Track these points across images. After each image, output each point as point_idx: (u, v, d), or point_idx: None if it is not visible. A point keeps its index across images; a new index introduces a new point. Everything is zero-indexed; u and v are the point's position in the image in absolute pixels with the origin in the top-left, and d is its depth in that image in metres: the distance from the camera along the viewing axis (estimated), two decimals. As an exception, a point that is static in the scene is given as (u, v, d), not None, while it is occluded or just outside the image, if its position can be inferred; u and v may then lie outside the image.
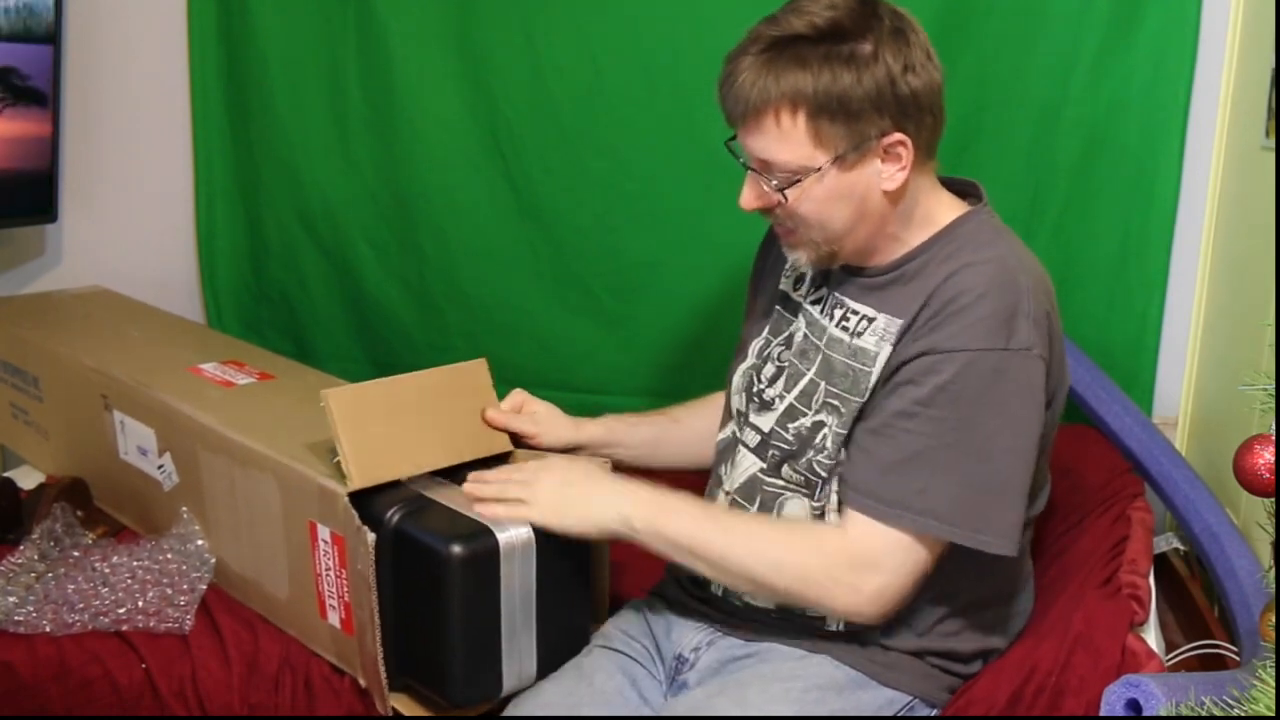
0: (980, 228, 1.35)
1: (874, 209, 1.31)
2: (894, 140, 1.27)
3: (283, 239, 2.36)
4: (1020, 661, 1.34)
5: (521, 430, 1.50)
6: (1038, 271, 1.32)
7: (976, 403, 1.24)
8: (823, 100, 1.24)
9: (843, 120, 1.25)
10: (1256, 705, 1.01)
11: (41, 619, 1.48)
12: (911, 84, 1.26)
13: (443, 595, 1.31)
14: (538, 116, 2.17)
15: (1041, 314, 1.27)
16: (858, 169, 1.28)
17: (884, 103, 1.25)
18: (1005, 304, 1.25)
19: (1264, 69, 1.76)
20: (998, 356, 1.24)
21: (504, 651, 1.36)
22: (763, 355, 1.47)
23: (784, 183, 1.29)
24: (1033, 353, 1.25)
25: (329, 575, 1.40)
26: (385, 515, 1.36)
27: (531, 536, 1.35)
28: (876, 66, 1.24)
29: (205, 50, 2.31)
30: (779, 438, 1.40)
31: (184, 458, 1.59)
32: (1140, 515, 1.68)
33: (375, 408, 1.39)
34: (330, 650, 1.46)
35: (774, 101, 1.25)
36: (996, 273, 1.27)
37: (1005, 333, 1.24)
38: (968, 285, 1.26)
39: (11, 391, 1.93)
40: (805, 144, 1.26)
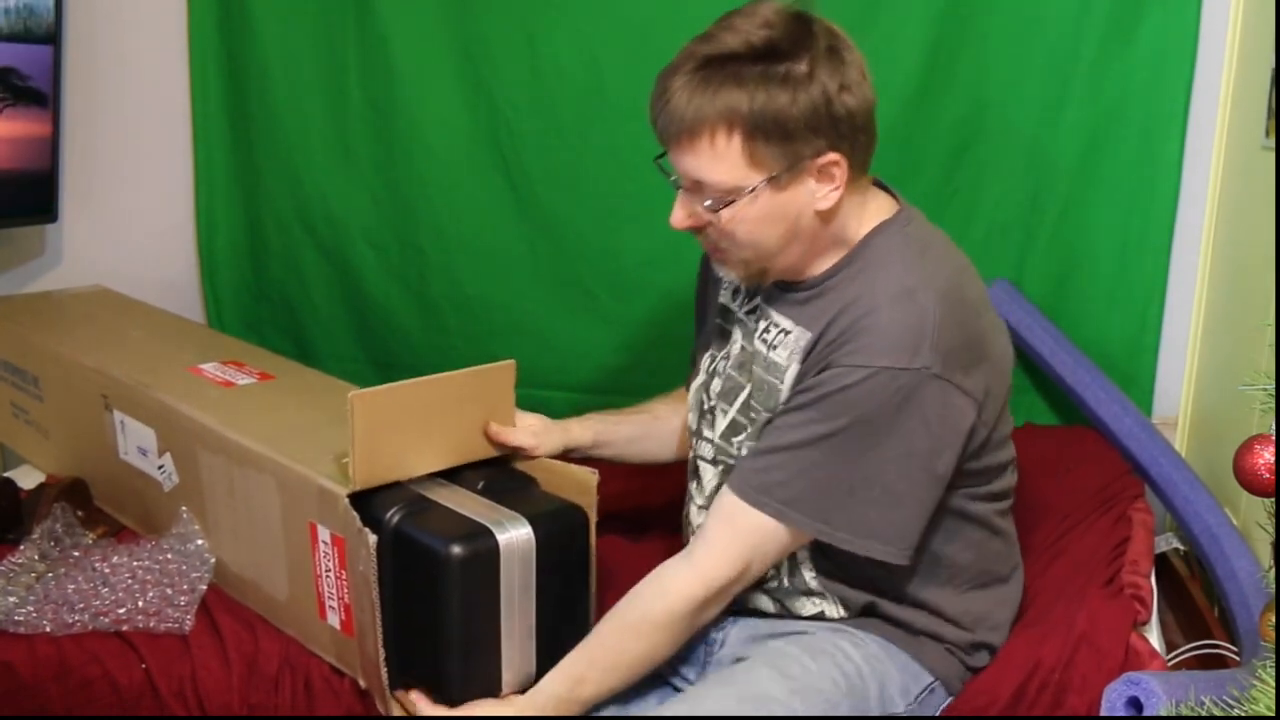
0: (890, 240, 1.32)
1: (806, 228, 1.30)
2: (829, 160, 1.26)
3: (283, 239, 2.36)
4: (1024, 658, 1.35)
5: (521, 444, 1.51)
6: (946, 285, 1.28)
7: (864, 414, 1.23)
8: (758, 120, 1.22)
9: (778, 140, 1.23)
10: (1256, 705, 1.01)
11: (41, 619, 1.48)
12: (847, 104, 1.25)
13: (442, 596, 1.31)
14: (538, 116, 2.17)
15: (944, 332, 1.24)
16: (791, 189, 1.27)
17: (819, 123, 1.24)
18: (903, 328, 1.23)
19: (1264, 69, 1.76)
20: (892, 375, 1.22)
21: (503, 653, 1.36)
22: (710, 370, 1.47)
23: (717, 203, 1.27)
24: (929, 372, 1.22)
25: (329, 577, 1.40)
26: (385, 515, 1.36)
27: (532, 537, 1.35)
28: (812, 86, 1.23)
29: (205, 50, 2.31)
30: (724, 452, 1.42)
31: (184, 458, 1.59)
32: (1141, 516, 1.68)
33: (396, 411, 1.38)
34: (330, 651, 1.46)
35: (709, 121, 1.23)
36: (895, 297, 1.25)
37: (906, 351, 1.22)
38: (866, 310, 1.25)
39: (12, 390, 1.93)
40: (739, 164, 1.25)
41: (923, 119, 2.05)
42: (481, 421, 1.49)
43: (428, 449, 1.44)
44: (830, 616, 1.39)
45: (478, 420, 1.48)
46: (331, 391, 1.70)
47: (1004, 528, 1.44)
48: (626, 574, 1.59)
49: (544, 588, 1.37)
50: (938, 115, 2.05)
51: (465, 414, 1.47)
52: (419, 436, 1.42)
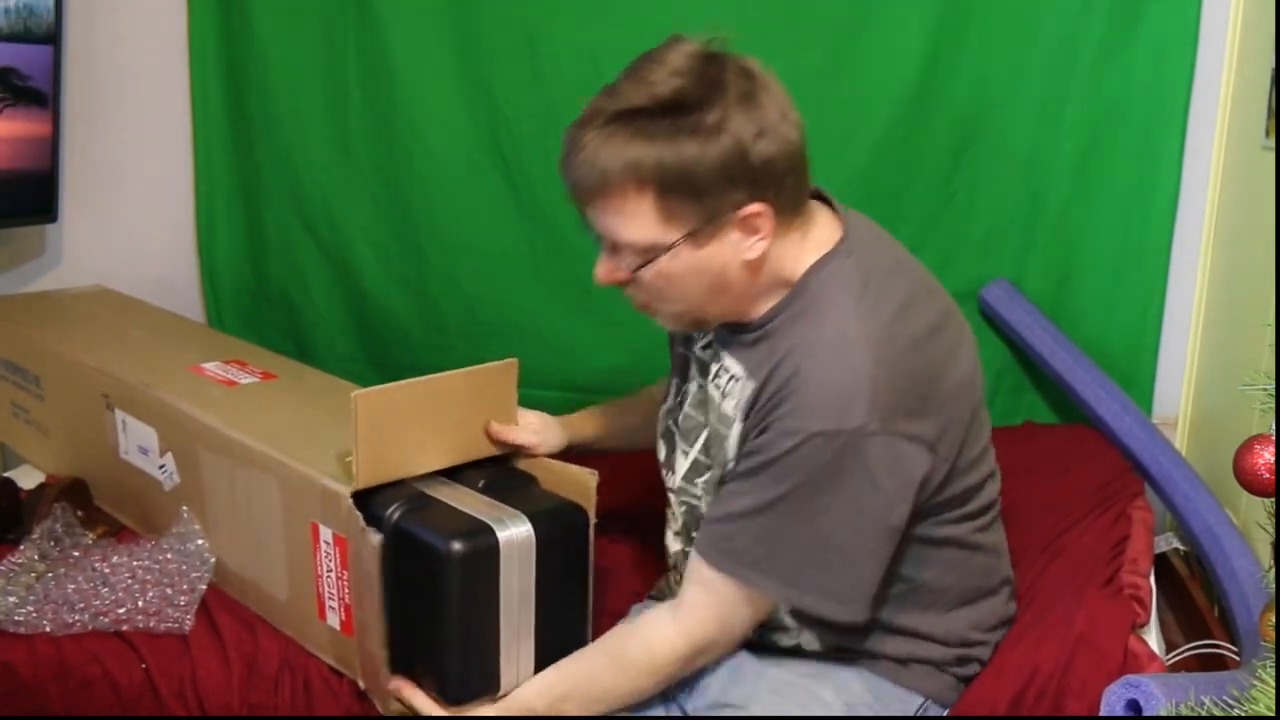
0: (831, 279, 1.25)
1: (734, 279, 1.25)
2: (751, 212, 1.20)
3: (283, 239, 2.37)
4: (1021, 664, 1.34)
5: (523, 443, 1.51)
6: (886, 324, 1.22)
7: (808, 480, 1.19)
8: (670, 177, 1.17)
9: (692, 197, 1.18)
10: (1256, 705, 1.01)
11: (41, 619, 1.48)
12: (764, 151, 1.18)
13: (441, 592, 1.31)
14: (538, 116, 2.17)
15: (880, 383, 1.18)
16: (713, 243, 1.21)
17: (735, 175, 1.18)
18: (835, 388, 1.18)
19: (1264, 69, 1.76)
20: (827, 439, 1.17)
21: (502, 651, 1.36)
22: (675, 400, 1.45)
23: (636, 263, 1.23)
24: (866, 430, 1.17)
25: (330, 577, 1.40)
26: (385, 513, 1.35)
27: (532, 535, 1.35)
28: (724, 137, 1.16)
29: (205, 50, 2.31)
30: (687, 493, 1.40)
31: (185, 457, 1.59)
32: (1140, 515, 1.68)
33: (399, 410, 1.38)
34: (329, 652, 1.46)
35: (618, 180, 1.18)
36: (828, 352, 1.20)
37: (838, 413, 1.17)
38: (797, 369, 1.20)
39: (12, 390, 1.93)
40: (654, 223, 1.20)
41: (923, 119, 2.05)
42: (483, 420, 1.48)
43: (430, 447, 1.44)
44: (808, 649, 1.36)
45: (480, 419, 1.48)
46: (333, 391, 1.70)
47: (987, 542, 1.39)
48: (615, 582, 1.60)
49: (543, 585, 1.37)
50: (938, 115, 2.05)
51: (467, 412, 1.47)
52: (422, 435, 1.42)
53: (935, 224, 2.10)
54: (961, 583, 1.36)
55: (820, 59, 2.06)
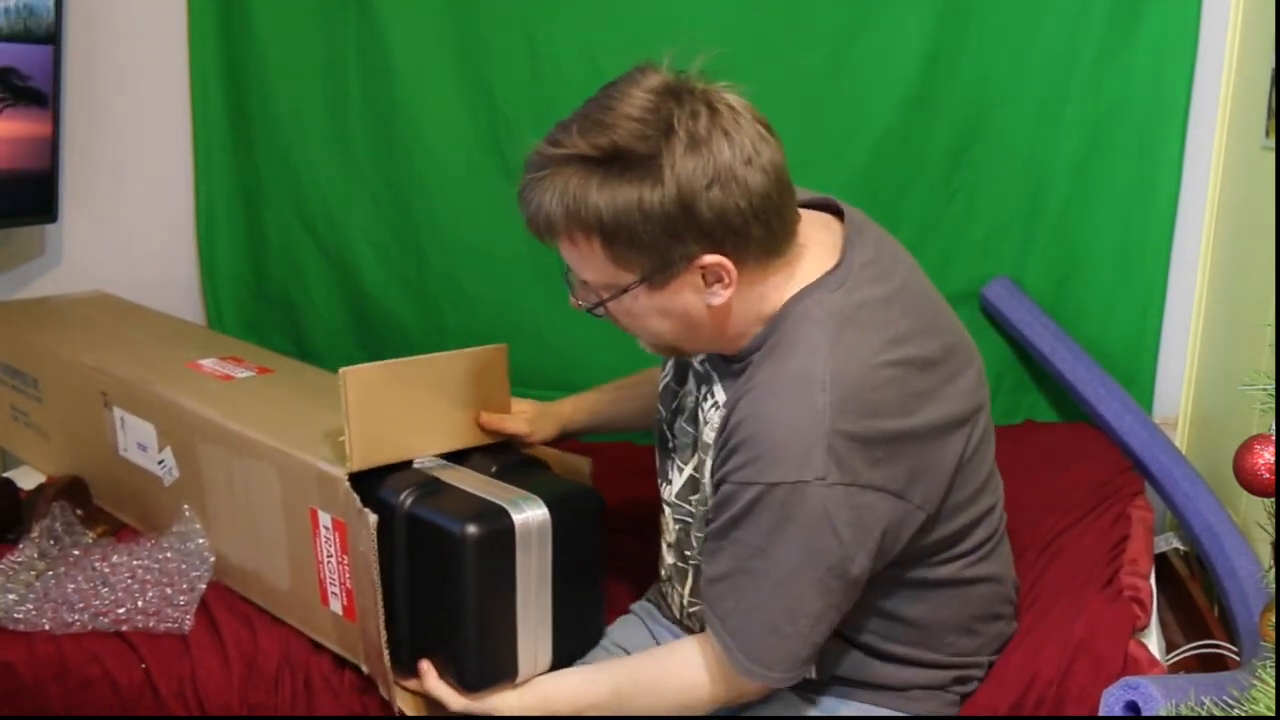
0: (806, 315, 1.19)
1: (702, 322, 1.21)
2: (709, 263, 1.15)
3: (283, 239, 2.36)
4: (1020, 670, 1.33)
5: (516, 431, 1.50)
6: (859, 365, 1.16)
7: (769, 539, 1.16)
8: (610, 228, 1.13)
9: (636, 247, 1.14)
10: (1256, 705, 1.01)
11: (41, 617, 1.48)
12: (715, 203, 1.11)
13: (457, 577, 1.29)
14: (538, 116, 2.17)
15: (841, 433, 1.13)
16: (672, 288, 1.17)
17: (680, 228, 1.12)
18: (791, 438, 1.14)
19: (1264, 69, 1.76)
20: (785, 491, 1.13)
21: (519, 635, 1.35)
22: (670, 406, 1.42)
23: (598, 299, 1.22)
24: (826, 481, 1.12)
25: (330, 562, 1.40)
26: (398, 498, 1.35)
27: (548, 517, 1.33)
28: (665, 190, 1.11)
29: (205, 50, 2.31)
30: (680, 510, 1.38)
31: (184, 451, 1.59)
32: (1140, 514, 1.68)
33: (390, 389, 1.38)
34: (332, 638, 1.46)
35: (563, 227, 1.16)
36: (787, 398, 1.15)
37: (795, 467, 1.13)
38: (752, 414, 1.16)
39: (11, 394, 1.93)
40: (607, 266, 1.17)
41: (922, 119, 2.05)
42: (477, 404, 1.48)
43: (424, 430, 1.44)
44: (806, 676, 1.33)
45: (473, 403, 1.48)
46: (329, 385, 1.69)
47: (985, 573, 1.34)
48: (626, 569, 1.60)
49: (560, 570, 1.36)
50: (938, 115, 2.05)
51: (461, 396, 1.46)
52: (414, 416, 1.42)
53: (935, 224, 2.10)
54: (957, 616, 1.33)
55: (820, 60, 2.06)
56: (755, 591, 1.19)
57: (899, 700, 1.34)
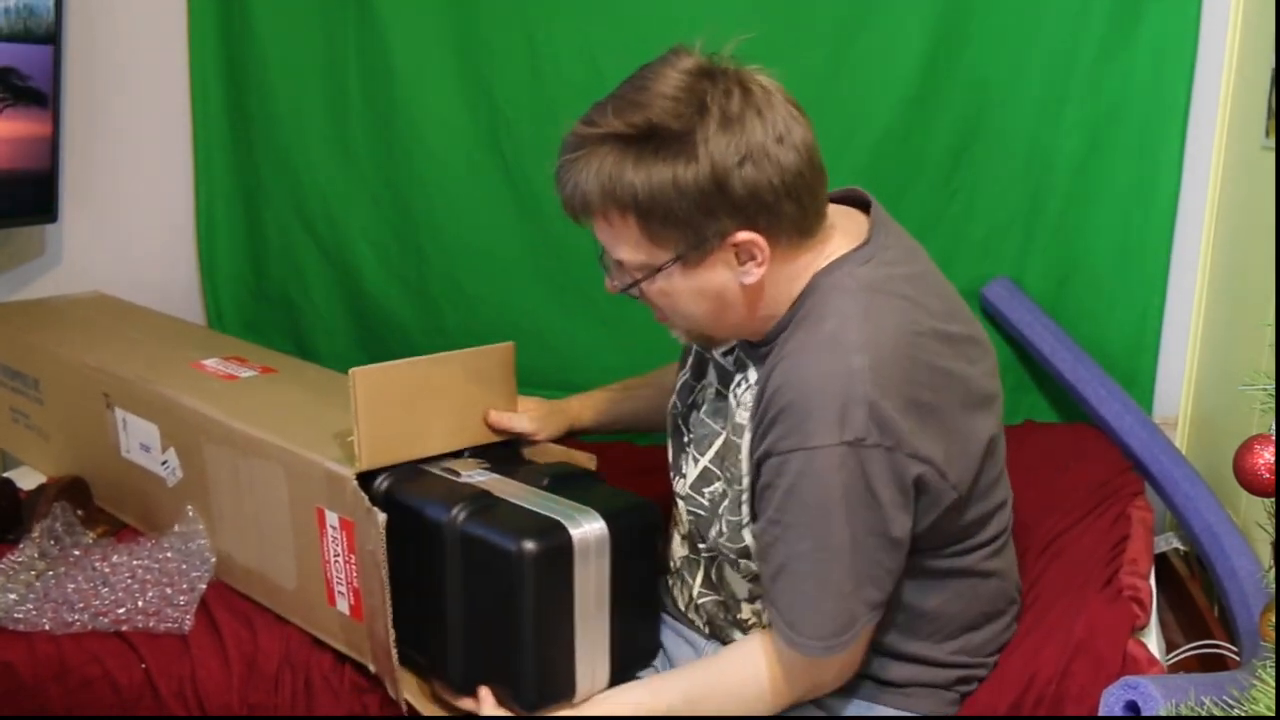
0: (837, 284, 1.21)
1: (735, 302, 1.22)
2: (742, 240, 1.17)
3: (283, 239, 2.37)
4: (1020, 670, 1.33)
5: (523, 430, 1.50)
6: (892, 338, 1.18)
7: (821, 507, 1.16)
8: (645, 205, 1.15)
9: (671, 224, 1.16)
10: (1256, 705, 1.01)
11: (41, 617, 1.48)
12: (748, 179, 1.14)
13: (515, 595, 1.26)
14: (538, 116, 2.17)
15: (879, 396, 1.15)
16: (706, 267, 1.19)
17: (714, 204, 1.14)
18: (830, 398, 1.14)
19: (1264, 69, 1.76)
20: (831, 453, 1.14)
21: (577, 653, 1.31)
22: (687, 400, 1.42)
23: (633, 279, 1.23)
24: (866, 443, 1.14)
25: (337, 561, 1.40)
26: (449, 514, 1.31)
27: (605, 532, 1.30)
28: (699, 166, 1.13)
29: (205, 50, 2.31)
30: (694, 502, 1.37)
31: (188, 452, 1.59)
32: (1140, 514, 1.68)
33: (398, 389, 1.38)
34: (339, 638, 1.46)
35: (600, 205, 1.18)
36: (823, 360, 1.16)
37: (835, 426, 1.14)
38: (789, 379, 1.17)
39: (11, 396, 1.93)
40: (642, 244, 1.19)
41: (923, 119, 2.05)
42: (484, 403, 1.48)
43: (432, 429, 1.44)
44: None
45: (480, 402, 1.48)
46: (333, 383, 1.70)
47: (995, 567, 1.36)
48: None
49: (617, 584, 1.32)
50: (938, 115, 2.05)
51: (468, 395, 1.46)
52: (423, 416, 1.42)
53: (935, 224, 2.10)
54: (969, 609, 1.35)
55: (820, 59, 2.06)
56: (814, 575, 1.19)
57: (899, 699, 1.34)
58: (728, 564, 1.36)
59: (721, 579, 1.39)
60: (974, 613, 1.35)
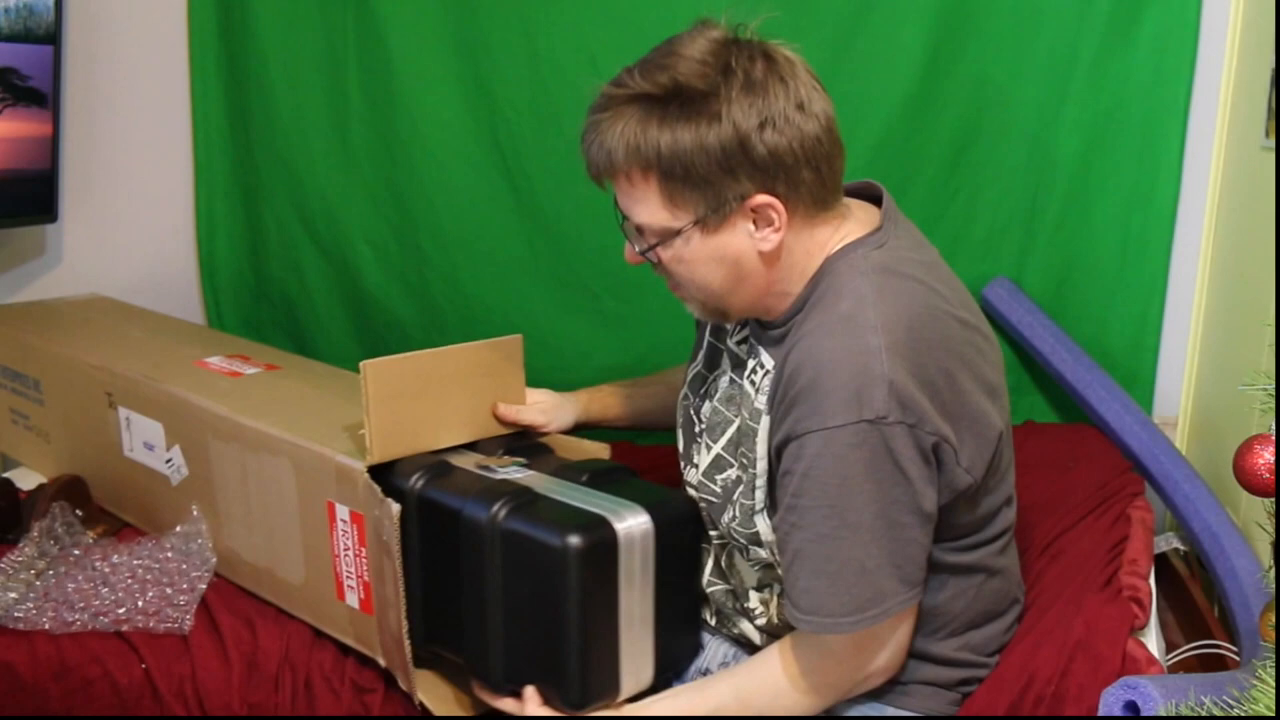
0: (851, 267, 1.23)
1: (753, 270, 1.23)
2: (760, 203, 1.19)
3: (283, 239, 2.37)
4: (1018, 670, 1.33)
5: (532, 422, 1.51)
6: (907, 318, 1.20)
7: (840, 486, 1.17)
8: (668, 164, 1.17)
9: (693, 184, 1.18)
10: (1256, 705, 1.01)
11: (41, 616, 1.48)
12: (769, 142, 1.16)
13: (560, 591, 1.25)
14: (538, 116, 2.17)
15: (898, 374, 1.16)
16: (725, 231, 1.21)
17: (736, 164, 1.17)
18: (849, 377, 1.15)
19: (1264, 69, 1.76)
20: (852, 431, 1.15)
21: (621, 650, 1.30)
22: (699, 391, 1.43)
23: (650, 243, 1.24)
24: (888, 420, 1.15)
25: (347, 555, 1.40)
26: (489, 511, 1.30)
27: (651, 526, 1.29)
28: (722, 126, 1.16)
29: (205, 50, 2.31)
30: (706, 489, 1.37)
31: (194, 449, 1.59)
32: (1140, 514, 1.67)
33: (409, 381, 1.38)
34: (348, 633, 1.46)
35: (623, 165, 1.20)
36: (841, 339, 1.18)
37: (855, 406, 1.15)
38: (807, 360, 1.18)
39: (11, 397, 1.93)
40: (661, 207, 1.21)
41: (923, 119, 2.05)
42: (493, 395, 1.48)
43: (443, 421, 1.44)
44: None
45: (489, 394, 1.48)
46: (338, 378, 1.71)
47: (1001, 566, 1.38)
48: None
49: (661, 578, 1.32)
50: (938, 115, 2.05)
51: (477, 387, 1.47)
52: (433, 408, 1.42)
53: (935, 224, 2.10)
54: (975, 606, 1.35)
55: (820, 59, 2.03)
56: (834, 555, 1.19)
57: (902, 698, 1.34)
58: (738, 551, 1.36)
59: (731, 567, 1.39)
60: (977, 610, 1.36)
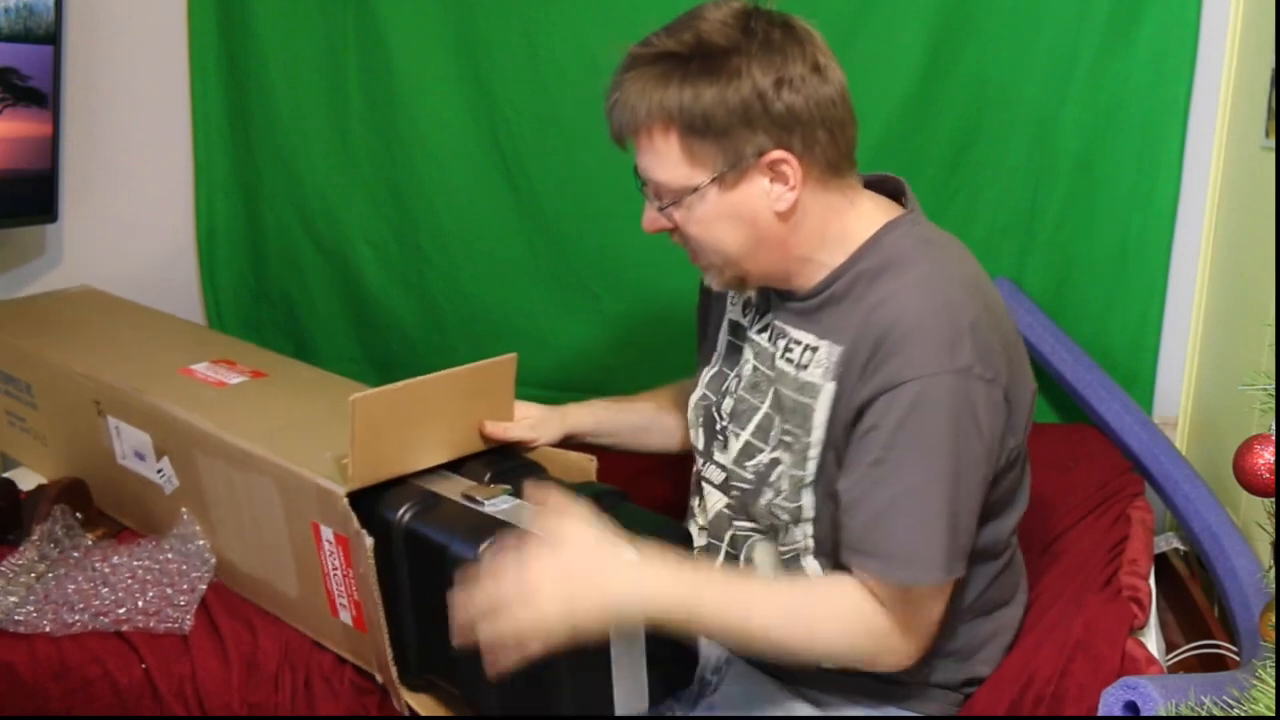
0: (903, 240, 1.28)
1: (769, 232, 1.26)
2: (776, 158, 1.22)
3: (283, 239, 2.37)
4: (1018, 671, 1.33)
5: (521, 438, 1.50)
6: (972, 283, 1.26)
7: (934, 435, 1.18)
8: (689, 117, 1.21)
9: (713, 138, 1.22)
10: (1256, 705, 1.01)
11: (42, 619, 1.48)
12: (786, 99, 1.21)
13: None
14: (538, 116, 2.17)
15: (980, 327, 1.20)
16: (741, 189, 1.24)
17: (754, 118, 1.21)
18: (941, 326, 1.19)
19: (1264, 69, 1.76)
20: (944, 380, 1.18)
21: (615, 679, 1.29)
22: (720, 388, 1.43)
23: (669, 203, 1.27)
24: (974, 372, 1.18)
25: (336, 574, 1.40)
26: (477, 551, 1.27)
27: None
28: (742, 81, 1.20)
29: (205, 50, 2.31)
30: (737, 477, 1.37)
31: (182, 461, 1.58)
32: (1140, 515, 1.67)
33: (397, 411, 1.37)
34: (345, 648, 1.46)
35: (644, 121, 1.24)
36: (925, 295, 1.21)
37: (947, 354, 1.18)
38: (899, 315, 1.20)
39: (6, 399, 1.92)
40: (681, 163, 1.24)
41: (922, 119, 2.05)
42: (481, 415, 1.47)
43: (426, 444, 1.43)
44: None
45: (477, 414, 1.47)
46: (324, 385, 1.69)
47: (1015, 554, 1.41)
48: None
49: None
50: (937, 115, 2.05)
51: (465, 408, 1.46)
52: (419, 433, 1.41)
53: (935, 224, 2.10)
54: (985, 593, 1.36)
55: (820, 59, 2.06)
56: (925, 508, 1.19)
57: (904, 699, 1.35)
58: (763, 541, 1.36)
59: (749, 562, 1.38)
60: (987, 599, 1.37)
